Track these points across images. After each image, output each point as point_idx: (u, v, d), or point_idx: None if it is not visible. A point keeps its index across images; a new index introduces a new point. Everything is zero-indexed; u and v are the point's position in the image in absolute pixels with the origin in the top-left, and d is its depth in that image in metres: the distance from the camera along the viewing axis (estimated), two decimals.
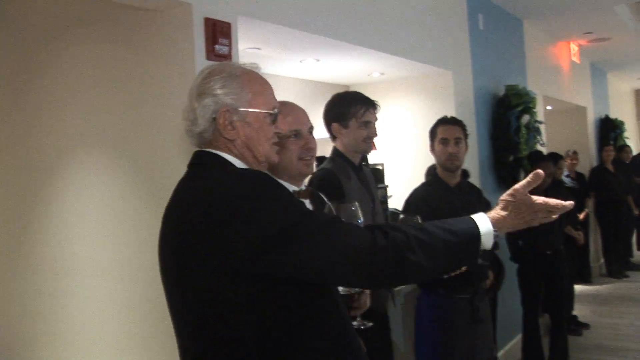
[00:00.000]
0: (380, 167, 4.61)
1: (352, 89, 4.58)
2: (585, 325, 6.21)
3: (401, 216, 2.95)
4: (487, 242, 1.55)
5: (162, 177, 2.56)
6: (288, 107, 2.12)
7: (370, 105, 2.90)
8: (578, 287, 6.79)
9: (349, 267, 1.48)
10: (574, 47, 8.30)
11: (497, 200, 1.63)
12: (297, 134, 2.09)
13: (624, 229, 8.77)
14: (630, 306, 7.02)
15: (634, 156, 9.81)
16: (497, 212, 1.59)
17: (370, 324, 2.23)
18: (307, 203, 2.08)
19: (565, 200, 1.59)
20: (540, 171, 1.57)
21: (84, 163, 2.99)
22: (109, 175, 2.88)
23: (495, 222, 1.56)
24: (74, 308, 3.06)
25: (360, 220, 2.01)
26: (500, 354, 4.81)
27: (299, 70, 4.46)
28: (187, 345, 1.62)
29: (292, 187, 2.06)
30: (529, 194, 1.56)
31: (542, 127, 5.81)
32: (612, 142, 9.23)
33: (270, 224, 1.45)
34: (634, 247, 9.39)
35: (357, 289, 2.07)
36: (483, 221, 1.57)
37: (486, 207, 3.42)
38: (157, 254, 1.65)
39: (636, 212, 8.91)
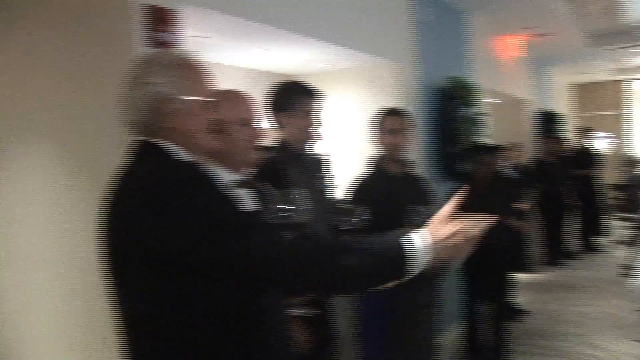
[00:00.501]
0: (326, 157, 4.61)
1: (299, 79, 4.58)
2: (526, 312, 6.38)
3: (346, 206, 2.98)
4: (417, 265, 1.59)
5: (103, 166, 2.51)
6: (237, 96, 2.13)
7: (315, 95, 2.92)
8: (519, 276, 6.97)
9: (267, 269, 1.50)
10: (518, 41, 8.48)
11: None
12: (246, 123, 2.09)
13: (564, 219, 9.04)
14: (568, 292, 7.26)
15: (574, 148, 10.10)
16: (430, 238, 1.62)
17: (314, 312, 2.25)
18: (251, 193, 2.08)
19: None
20: (462, 192, 1.61)
21: (20, 152, 2.92)
22: (47, 165, 2.82)
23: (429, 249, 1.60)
24: (13, 302, 2.99)
25: (306, 208, 2.03)
26: (442, 341, 4.90)
27: (245, 59, 4.44)
28: (128, 338, 1.62)
29: (235, 177, 2.06)
30: (452, 220, 1.61)
31: (485, 120, 5.93)
32: (553, 135, 9.48)
33: (201, 219, 1.46)
34: (571, 236, 9.65)
35: None
36: (416, 242, 1.60)
37: (430, 197, 3.50)
38: (99, 247, 1.64)
39: (573, 202, 9.18)
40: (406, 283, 3.16)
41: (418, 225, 3.10)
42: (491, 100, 7.38)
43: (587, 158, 9.84)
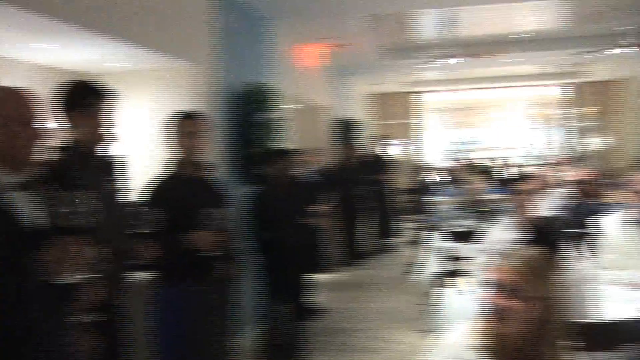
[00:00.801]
0: (120, 159, 4.49)
1: (94, 78, 4.41)
2: (324, 311, 6.65)
3: (139, 209, 2.94)
4: None
5: None
6: (19, 94, 2.04)
7: (106, 95, 2.84)
8: (317, 276, 7.25)
9: None
10: (320, 50, 8.83)
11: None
12: (27, 122, 2.00)
13: (359, 221, 9.57)
14: (361, 291, 7.70)
15: (370, 154, 10.70)
16: None
17: (102, 317, 2.20)
18: (33, 195, 2.00)
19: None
20: None
21: None
22: None
23: None
24: None
25: (93, 211, 1.99)
26: (239, 342, 4.96)
27: (35, 55, 4.18)
28: None
29: (15, 178, 1.96)
30: None
31: (285, 125, 6.10)
32: (351, 141, 9.99)
33: None
34: (366, 237, 10.19)
35: (82, 280, 2.01)
36: None
37: (224, 201, 3.55)
38: None
39: (369, 205, 9.75)
40: (199, 285, 3.19)
41: (211, 228, 3.16)
42: (292, 106, 7.62)
43: (381, 164, 10.50)
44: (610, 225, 4.23)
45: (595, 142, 15.33)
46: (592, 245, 4.24)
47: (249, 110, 5.45)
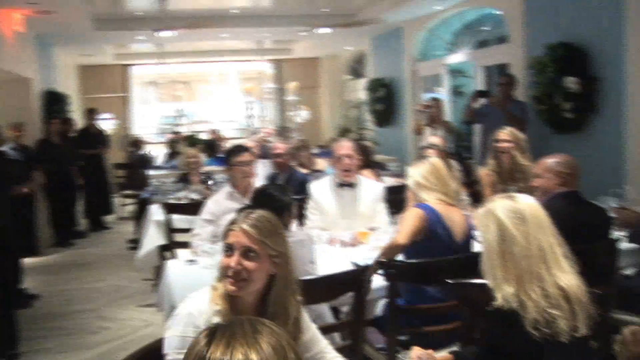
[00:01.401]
0: None
1: None
2: (35, 297, 6.24)
3: None
4: None
5: None
6: None
7: None
8: (26, 260, 6.77)
9: None
10: (19, 16, 8.10)
11: None
12: None
13: (70, 199, 9.10)
14: (77, 271, 7.39)
15: (79, 129, 10.20)
16: None
17: None
18: None
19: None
20: None
21: None
22: None
23: None
24: None
25: None
26: None
27: None
28: None
29: None
30: None
31: None
32: (59, 115, 9.39)
33: None
34: (80, 215, 9.78)
35: None
36: None
37: None
38: None
39: (81, 182, 9.32)
40: None
41: None
42: None
43: (94, 138, 10.05)
44: (318, 190, 4.63)
45: (300, 115, 16.42)
46: (303, 209, 4.60)
47: None
